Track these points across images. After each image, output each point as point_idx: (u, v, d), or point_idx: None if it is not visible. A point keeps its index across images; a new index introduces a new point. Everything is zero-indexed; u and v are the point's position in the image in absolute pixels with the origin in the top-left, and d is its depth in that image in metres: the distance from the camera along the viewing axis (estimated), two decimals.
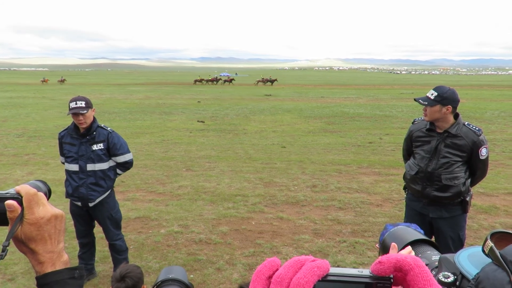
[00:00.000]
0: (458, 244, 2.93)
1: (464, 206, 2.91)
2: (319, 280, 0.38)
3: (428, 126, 2.91)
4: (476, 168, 2.89)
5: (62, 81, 47.57)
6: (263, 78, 44.76)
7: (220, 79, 47.10)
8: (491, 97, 25.46)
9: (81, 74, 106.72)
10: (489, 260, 0.56)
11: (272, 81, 43.30)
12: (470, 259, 0.63)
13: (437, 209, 2.94)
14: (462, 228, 2.96)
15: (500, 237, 0.59)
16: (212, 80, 46.16)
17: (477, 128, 2.84)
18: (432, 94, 2.79)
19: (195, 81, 45.99)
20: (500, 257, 0.51)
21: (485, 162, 2.87)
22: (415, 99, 2.95)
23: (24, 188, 0.66)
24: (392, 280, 0.40)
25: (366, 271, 0.41)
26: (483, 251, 0.57)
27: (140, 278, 2.12)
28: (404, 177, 3.16)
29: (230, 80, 46.20)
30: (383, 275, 0.40)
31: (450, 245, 2.91)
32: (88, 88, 34.13)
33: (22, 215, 0.64)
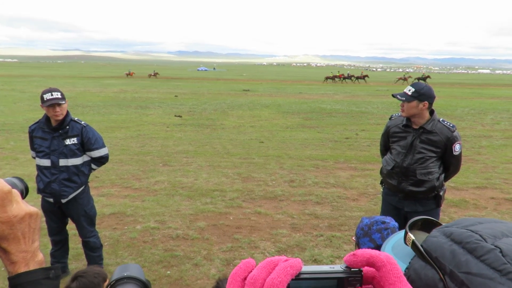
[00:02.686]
0: None
1: (437, 200, 3.00)
2: (292, 279, 0.39)
3: (404, 122, 2.98)
4: (450, 164, 2.97)
5: (155, 75, 42.92)
6: (404, 76, 39.86)
7: (352, 76, 42.76)
8: (461, 95, 26.37)
9: (53, 66, 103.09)
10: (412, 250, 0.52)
11: (424, 79, 38.97)
12: (395, 251, 0.58)
13: (411, 203, 3.01)
14: None
15: (424, 223, 0.57)
16: (345, 77, 41.84)
17: (451, 125, 2.92)
18: (409, 90, 2.85)
19: (327, 78, 41.25)
20: (424, 253, 0.48)
21: (458, 158, 2.96)
22: (393, 95, 3.00)
23: None
24: (362, 273, 0.41)
25: (337, 267, 0.42)
26: (406, 244, 0.53)
27: (95, 284, 2.02)
28: (381, 172, 3.22)
29: (363, 77, 41.36)
30: (355, 267, 0.41)
31: None
32: (61, 81, 33.02)
33: None
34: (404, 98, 2.84)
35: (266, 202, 5.53)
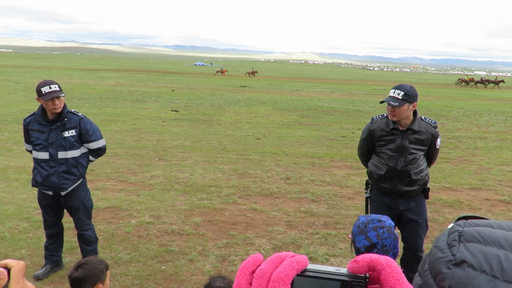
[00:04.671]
0: (425, 227, 3.11)
1: (426, 193, 3.10)
2: (297, 275, 0.41)
3: (392, 125, 2.93)
4: (432, 157, 3.07)
5: (253, 73, 40.79)
6: (492, 79, 38.12)
7: (486, 80, 39.80)
8: (457, 96, 26.49)
9: (49, 57, 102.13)
10: None
11: None
12: None
13: (405, 202, 3.05)
14: (426, 212, 3.16)
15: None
16: (477, 82, 39.03)
17: (432, 121, 2.99)
18: (398, 94, 2.80)
19: (462, 80, 39.24)
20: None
21: (438, 150, 3.08)
22: (382, 102, 2.89)
23: (12, 260, 0.65)
24: (367, 279, 0.42)
25: (343, 270, 0.43)
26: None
27: (96, 274, 2.02)
28: (370, 176, 3.14)
29: (498, 82, 38.80)
30: (357, 273, 0.42)
31: (419, 231, 3.07)
32: (56, 72, 32.73)
33: (7, 286, 0.63)
34: (397, 103, 2.78)
35: (262, 199, 5.53)
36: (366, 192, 3.23)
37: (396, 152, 2.92)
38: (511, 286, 0.40)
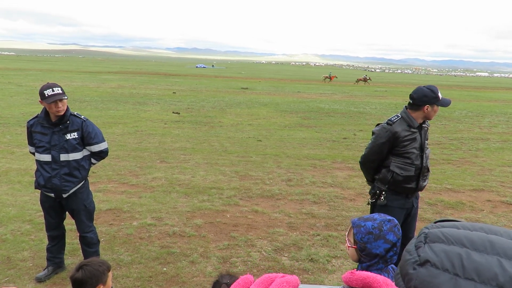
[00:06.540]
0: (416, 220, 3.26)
1: None
2: None
3: (416, 123, 2.90)
4: None
5: (365, 79, 37.76)
6: None
7: None
8: (459, 97, 26.43)
9: (51, 60, 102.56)
10: None
11: None
12: None
13: (415, 198, 3.12)
14: None
15: None
16: None
17: None
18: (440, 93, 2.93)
19: None
20: None
21: None
22: (447, 105, 2.96)
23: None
24: None
25: None
26: None
27: (96, 275, 2.03)
28: (394, 180, 2.93)
29: None
30: (351, 285, 0.43)
31: (414, 225, 3.22)
32: (58, 75, 32.84)
33: None
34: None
35: (263, 201, 5.53)
36: (376, 200, 3.02)
37: (420, 150, 2.93)
38: (472, 283, 0.41)
